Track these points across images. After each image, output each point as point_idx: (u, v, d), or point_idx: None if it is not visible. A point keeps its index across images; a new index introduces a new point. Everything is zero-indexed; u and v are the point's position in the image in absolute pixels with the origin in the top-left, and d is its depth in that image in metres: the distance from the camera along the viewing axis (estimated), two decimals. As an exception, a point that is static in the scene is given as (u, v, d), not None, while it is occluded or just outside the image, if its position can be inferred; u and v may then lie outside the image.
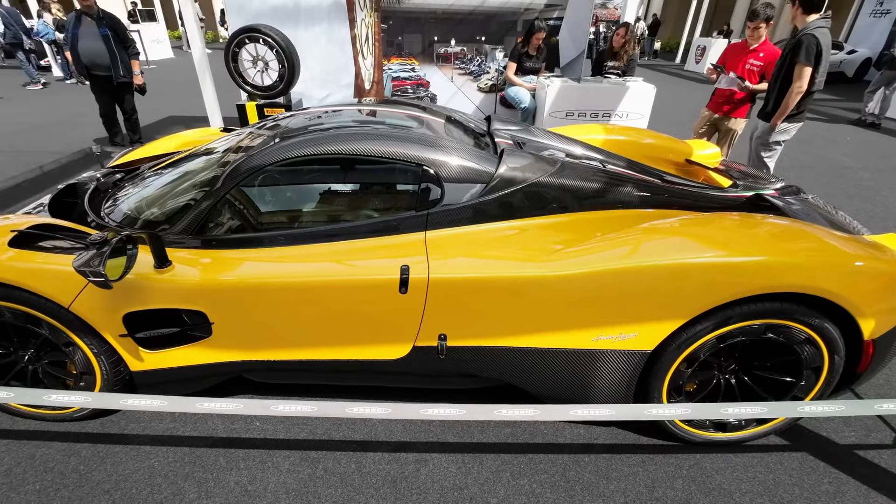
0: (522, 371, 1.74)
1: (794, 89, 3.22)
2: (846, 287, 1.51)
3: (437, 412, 1.44)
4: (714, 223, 1.73)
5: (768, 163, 3.57)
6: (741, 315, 1.55)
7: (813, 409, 1.42)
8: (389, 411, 1.45)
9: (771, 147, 3.51)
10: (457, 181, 1.79)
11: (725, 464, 1.80)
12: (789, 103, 3.27)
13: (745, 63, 3.66)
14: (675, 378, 1.69)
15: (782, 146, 3.54)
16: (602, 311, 1.59)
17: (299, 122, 2.14)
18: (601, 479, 1.73)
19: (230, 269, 1.68)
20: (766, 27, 3.50)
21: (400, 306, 1.65)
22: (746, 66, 3.66)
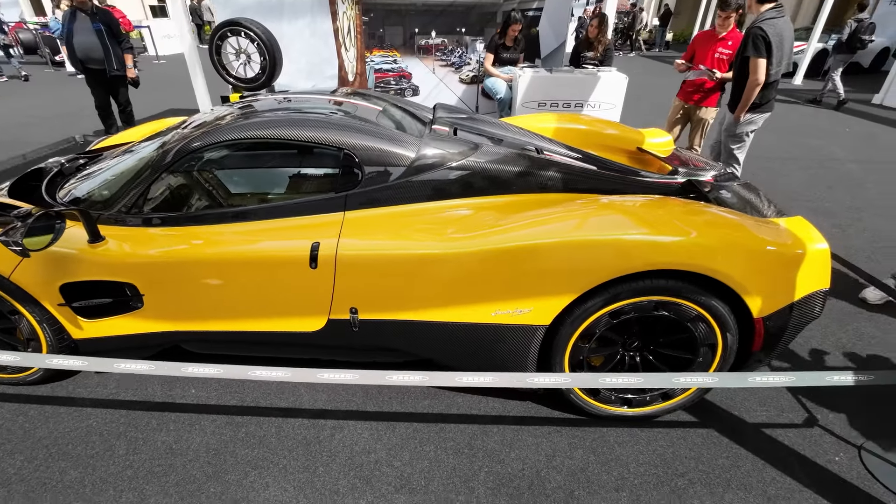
0: (432, 344, 1.84)
1: (750, 83, 3.20)
2: (731, 266, 1.56)
3: (332, 376, 1.55)
4: (613, 205, 1.79)
5: (737, 153, 3.56)
6: (631, 291, 1.61)
7: (688, 381, 1.47)
8: (289, 375, 1.56)
9: (739, 138, 3.50)
10: (377, 164, 1.88)
11: (630, 437, 1.86)
12: (748, 97, 3.26)
13: (715, 52, 3.65)
14: (575, 353, 1.76)
15: (751, 136, 3.52)
16: (498, 288, 1.67)
17: (238, 109, 2.26)
18: (504, 447, 1.81)
19: (158, 245, 1.81)
20: (736, 16, 3.49)
21: (312, 281, 1.76)
22: (716, 55, 3.65)
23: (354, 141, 1.88)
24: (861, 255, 3.33)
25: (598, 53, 4.68)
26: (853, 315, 2.66)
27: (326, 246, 1.72)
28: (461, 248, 1.67)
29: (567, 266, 1.60)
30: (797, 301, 1.64)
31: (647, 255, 1.54)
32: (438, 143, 1.97)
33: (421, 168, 1.88)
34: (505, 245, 1.63)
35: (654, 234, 1.58)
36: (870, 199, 4.29)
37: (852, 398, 2.07)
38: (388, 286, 1.75)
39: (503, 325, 1.72)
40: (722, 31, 3.63)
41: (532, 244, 1.61)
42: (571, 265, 1.59)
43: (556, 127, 2.91)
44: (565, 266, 1.60)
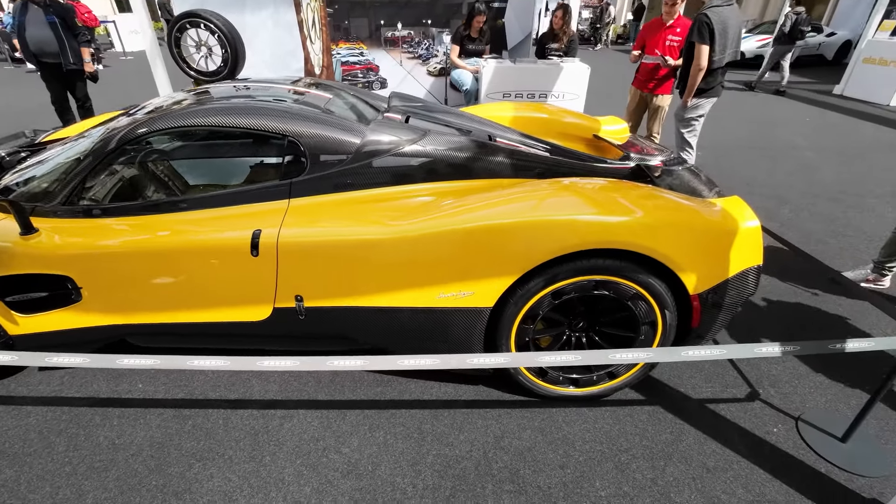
0: (380, 331, 1.84)
1: (694, 67, 3.30)
2: (666, 244, 1.59)
3: (272, 364, 1.53)
4: (550, 187, 1.82)
5: (688, 137, 3.64)
6: (570, 271, 1.63)
7: (622, 357, 1.51)
8: (229, 364, 1.54)
9: (688, 123, 3.59)
10: (322, 151, 1.86)
11: (578, 416, 1.90)
12: (693, 82, 3.34)
13: (665, 39, 3.72)
14: (521, 334, 1.78)
15: (700, 121, 3.61)
16: (441, 271, 1.68)
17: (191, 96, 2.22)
18: (454, 430, 1.83)
19: (95, 236, 1.77)
20: (681, 3, 3.56)
21: (254, 269, 1.74)
22: (666, 43, 3.72)
23: (299, 128, 1.86)
24: (813, 237, 3.44)
25: (562, 45, 4.71)
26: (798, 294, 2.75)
27: (268, 234, 1.71)
28: (403, 233, 1.67)
29: (506, 248, 1.61)
30: (731, 278, 1.69)
31: (583, 234, 1.57)
32: (385, 129, 1.96)
33: (367, 155, 1.87)
34: (445, 228, 1.64)
35: (589, 215, 1.61)
36: (825, 186, 4.43)
37: (793, 371, 2.14)
38: (332, 272, 1.74)
39: (448, 309, 1.73)
40: (669, 20, 3.72)
41: (471, 227, 1.62)
42: (510, 247, 1.61)
43: (516, 116, 2.94)
44: (504, 248, 1.61)
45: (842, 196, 4.17)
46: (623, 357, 1.51)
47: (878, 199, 4.11)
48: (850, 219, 3.72)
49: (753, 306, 2.60)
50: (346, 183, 1.86)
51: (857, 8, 12.93)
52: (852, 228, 3.56)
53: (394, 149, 1.90)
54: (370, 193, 1.87)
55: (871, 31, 8.24)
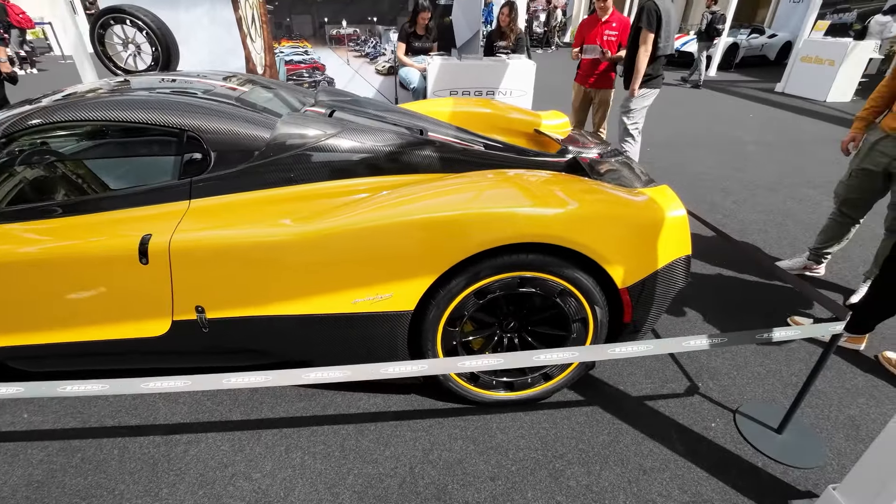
0: (294, 342, 1.68)
1: (640, 53, 3.33)
2: (589, 237, 1.51)
3: (158, 385, 1.35)
4: (469, 181, 1.72)
5: (631, 129, 3.66)
6: (492, 268, 1.53)
7: (547, 357, 1.41)
8: (107, 388, 1.35)
9: (632, 114, 3.60)
10: (226, 148, 1.69)
11: (513, 422, 1.79)
12: (640, 67, 3.36)
13: (602, 35, 3.74)
14: (448, 338, 1.67)
15: (643, 113, 3.63)
16: (355, 272, 1.54)
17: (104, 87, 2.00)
18: (379, 445, 1.69)
19: (-44, 248, 1.54)
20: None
21: (146, 278, 1.55)
22: (604, 38, 3.73)
23: (200, 122, 1.69)
24: (753, 227, 3.49)
25: (510, 42, 4.67)
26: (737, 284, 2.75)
27: (158, 238, 1.53)
28: (310, 232, 1.52)
29: (422, 246, 1.49)
30: (660, 269, 1.63)
31: (501, 229, 1.47)
32: (299, 122, 1.82)
33: (277, 150, 1.71)
34: (356, 226, 1.51)
35: (508, 207, 1.51)
36: (766, 177, 4.54)
37: (732, 363, 2.11)
38: (234, 279, 1.57)
39: (365, 314, 1.59)
40: (604, 15, 3.75)
41: (383, 224, 1.50)
42: (426, 245, 1.49)
43: (459, 111, 2.85)
44: (420, 246, 1.50)
45: (780, 187, 4.28)
46: (547, 358, 1.41)
47: (815, 188, 4.24)
48: (790, 208, 3.81)
49: (693, 298, 2.58)
50: (254, 181, 1.70)
51: (796, 11, 13.62)
52: (791, 218, 3.64)
53: (308, 143, 1.75)
54: (282, 192, 1.72)
55: (807, 32, 8.66)
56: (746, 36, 12.69)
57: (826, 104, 8.04)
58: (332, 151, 1.77)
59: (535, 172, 1.86)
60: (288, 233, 1.53)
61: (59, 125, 1.68)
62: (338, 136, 1.80)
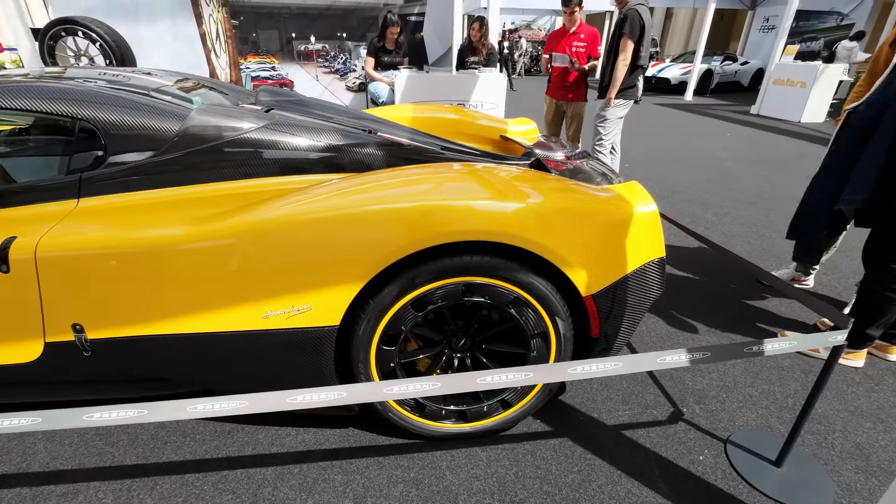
0: (196, 366, 1.39)
1: (620, 61, 3.23)
2: (543, 233, 1.28)
3: None
4: (402, 174, 1.49)
5: (605, 139, 3.52)
6: (430, 273, 1.28)
7: (495, 379, 1.15)
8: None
9: (606, 123, 3.47)
10: (126, 140, 1.45)
11: (466, 460, 1.51)
12: (617, 75, 3.25)
13: (571, 46, 3.65)
14: (384, 360, 1.40)
15: (619, 124, 3.50)
16: (264, 280, 1.28)
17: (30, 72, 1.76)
18: (301, 494, 1.38)
19: None
20: (579, 10, 3.53)
21: (8, 290, 1.27)
22: (573, 49, 3.64)
23: (96, 110, 1.45)
24: (736, 239, 3.31)
25: (481, 58, 4.58)
26: (723, 295, 2.54)
27: (23, 241, 1.25)
28: (210, 232, 1.27)
29: (345, 247, 1.25)
30: (630, 274, 1.40)
31: (435, 224, 1.23)
32: (216, 113, 1.59)
33: (187, 143, 1.47)
34: (265, 224, 1.26)
35: (440, 199, 1.28)
36: (746, 192, 4.43)
37: (720, 384, 1.86)
38: (119, 290, 1.29)
39: (281, 331, 1.32)
40: (571, 27, 3.67)
41: (297, 220, 1.25)
42: (350, 246, 1.24)
43: (424, 116, 2.67)
44: (343, 247, 1.25)
45: (761, 200, 4.16)
46: (495, 380, 1.15)
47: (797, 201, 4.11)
48: (772, 221, 3.66)
49: (672, 311, 2.35)
50: (159, 179, 1.45)
51: (766, 40, 14.13)
52: (774, 230, 3.48)
53: (227, 136, 1.51)
54: (191, 192, 1.47)
55: (778, 55, 8.86)
56: (720, 63, 13.05)
57: (801, 124, 8.14)
58: (257, 146, 1.54)
59: (507, 167, 1.64)
60: (183, 233, 1.27)
61: None
62: (265, 129, 1.57)
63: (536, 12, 19.67)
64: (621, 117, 3.51)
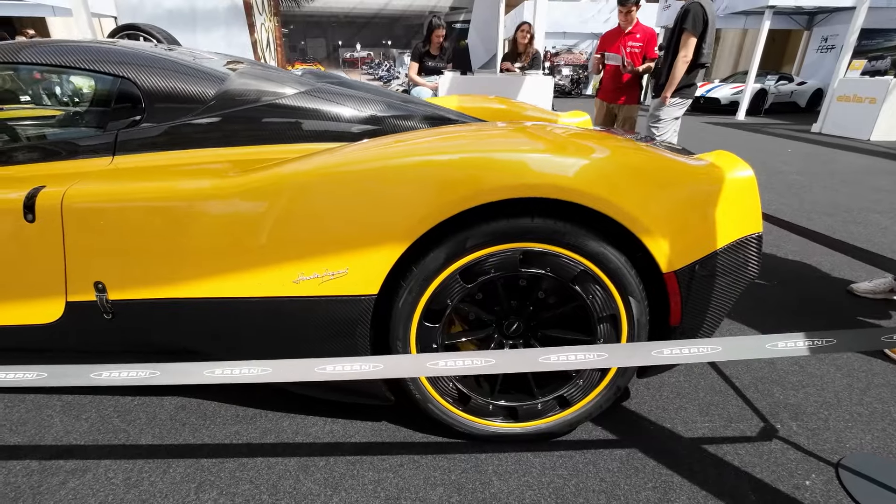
0: (221, 336, 1.26)
1: (680, 58, 3.01)
2: (623, 193, 1.09)
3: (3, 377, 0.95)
4: (458, 130, 1.34)
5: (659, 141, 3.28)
6: (483, 236, 1.11)
7: (561, 359, 0.94)
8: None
9: (660, 123, 3.24)
10: (165, 99, 1.40)
11: (516, 465, 1.29)
12: (676, 73, 3.04)
13: (625, 46, 3.47)
14: (426, 338, 1.22)
15: (675, 125, 3.26)
16: (296, 239, 1.14)
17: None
18: (326, 489, 1.21)
19: None
20: (636, 9, 3.36)
21: (32, 241, 1.20)
22: (627, 50, 3.46)
23: (135, 70, 1.41)
24: (815, 248, 2.95)
25: (525, 63, 4.48)
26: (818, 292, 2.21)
27: (51, 191, 1.18)
28: (243, 185, 1.16)
29: (387, 203, 1.10)
30: (721, 249, 1.17)
31: (495, 178, 1.06)
32: (256, 75, 1.52)
33: (225, 104, 1.41)
34: (300, 177, 1.14)
35: (495, 151, 1.11)
36: (818, 203, 4.03)
37: (819, 399, 1.56)
38: (145, 246, 1.19)
39: (311, 299, 1.17)
40: (627, 27, 3.50)
41: (335, 174, 1.12)
42: (393, 201, 1.09)
43: (471, 105, 2.56)
44: (385, 203, 1.10)
45: (838, 212, 3.75)
46: (558, 360, 0.95)
47: (879, 213, 3.70)
48: (853, 231, 3.27)
49: (760, 305, 2.06)
50: (195, 138, 1.39)
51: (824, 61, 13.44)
52: (858, 240, 3.09)
53: (266, 99, 1.44)
54: (226, 153, 1.39)
55: (842, 71, 8.33)
56: (775, 82, 12.48)
57: (870, 142, 7.53)
58: (297, 112, 1.45)
59: (564, 126, 1.47)
60: (212, 187, 1.17)
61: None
62: (306, 95, 1.48)
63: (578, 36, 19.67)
64: (677, 118, 3.27)
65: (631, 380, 1.33)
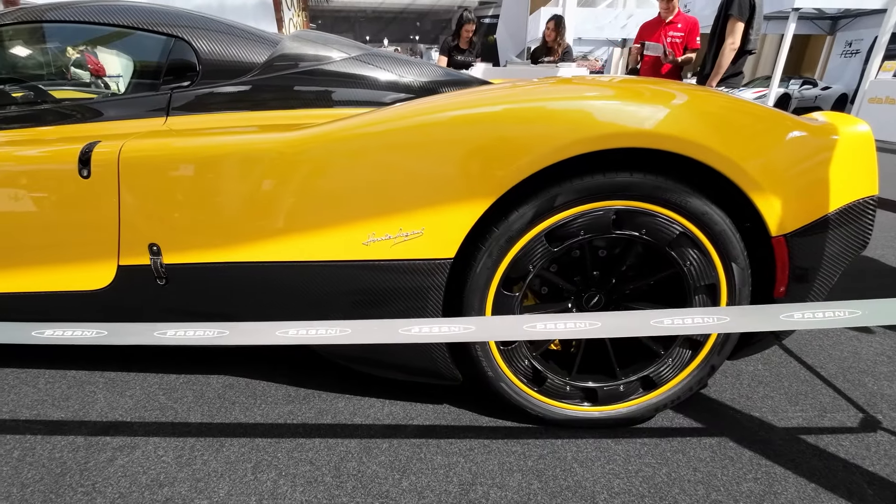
0: (277, 306, 1.17)
1: (727, 45, 2.90)
2: (731, 144, 0.98)
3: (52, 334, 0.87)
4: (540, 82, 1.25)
5: None
6: (574, 192, 1.01)
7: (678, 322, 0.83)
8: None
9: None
10: (219, 59, 1.34)
11: (597, 453, 1.17)
12: (723, 61, 2.92)
13: (666, 36, 3.37)
14: (502, 308, 1.11)
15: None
16: (366, 196, 1.05)
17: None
18: (394, 473, 1.10)
19: None
20: None
21: (86, 198, 1.13)
22: (668, 40, 3.36)
23: (191, 30, 1.36)
24: (873, 244, 2.80)
25: (556, 58, 4.40)
26: None
27: (107, 145, 1.12)
28: (307, 138, 1.08)
29: (462, 154, 1.01)
30: (834, 213, 1.06)
31: (594, 126, 0.96)
32: (309, 39, 1.45)
33: (278, 67, 1.36)
34: (371, 129, 1.05)
35: (605, 99, 1.01)
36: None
37: (920, 391, 1.42)
38: (204, 205, 1.12)
39: (381, 263, 1.08)
40: (668, 16, 3.39)
41: (411, 125, 1.03)
42: (468, 153, 1.00)
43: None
44: (460, 154, 1.01)
45: (890, 208, 3.58)
46: (673, 324, 0.84)
47: (933, 211, 3.51)
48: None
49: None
50: (248, 100, 1.33)
51: (849, 65, 13.22)
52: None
53: (320, 62, 1.37)
54: (280, 115, 1.32)
55: (873, 72, 8.13)
56: (799, 87, 12.28)
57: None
58: (350, 73, 1.38)
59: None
60: (275, 141, 1.09)
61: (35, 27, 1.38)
62: (359, 59, 1.41)
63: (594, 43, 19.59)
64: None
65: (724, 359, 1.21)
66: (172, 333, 0.87)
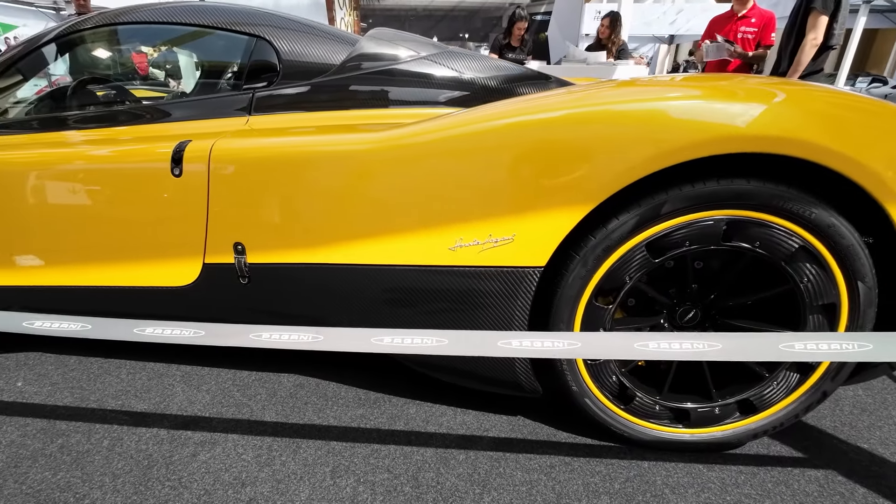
0: (358, 310, 1.16)
1: (808, 41, 2.69)
2: (869, 151, 0.88)
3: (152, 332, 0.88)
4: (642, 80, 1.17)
5: None
6: (684, 200, 0.93)
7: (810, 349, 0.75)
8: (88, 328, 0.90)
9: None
10: (300, 58, 1.34)
11: (691, 479, 1.09)
12: (803, 58, 2.72)
13: (737, 32, 3.15)
14: (593, 322, 1.05)
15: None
16: (456, 199, 1.02)
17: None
18: (474, 486, 1.06)
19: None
20: None
21: (177, 196, 1.15)
22: (739, 35, 3.15)
23: (272, 30, 1.36)
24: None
25: (611, 56, 4.24)
26: None
27: (198, 144, 1.13)
28: (399, 140, 1.05)
29: (561, 157, 0.95)
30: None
31: (710, 128, 0.88)
32: (387, 38, 1.44)
33: (356, 66, 1.35)
34: (464, 129, 1.01)
35: (721, 100, 0.93)
36: None
37: None
38: (289, 205, 1.12)
39: (468, 270, 1.04)
40: (741, 9, 3.17)
41: (507, 124, 0.98)
42: (568, 155, 0.95)
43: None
44: (558, 157, 0.95)
45: None
46: (805, 350, 0.75)
47: None
48: None
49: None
50: (328, 99, 1.33)
51: (924, 61, 12.23)
52: None
53: (398, 61, 1.35)
54: (360, 115, 1.31)
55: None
56: (867, 85, 11.46)
57: None
58: (427, 73, 1.36)
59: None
60: (368, 141, 1.07)
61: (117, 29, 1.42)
62: (435, 57, 1.38)
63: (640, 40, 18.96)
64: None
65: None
66: (268, 336, 0.86)
